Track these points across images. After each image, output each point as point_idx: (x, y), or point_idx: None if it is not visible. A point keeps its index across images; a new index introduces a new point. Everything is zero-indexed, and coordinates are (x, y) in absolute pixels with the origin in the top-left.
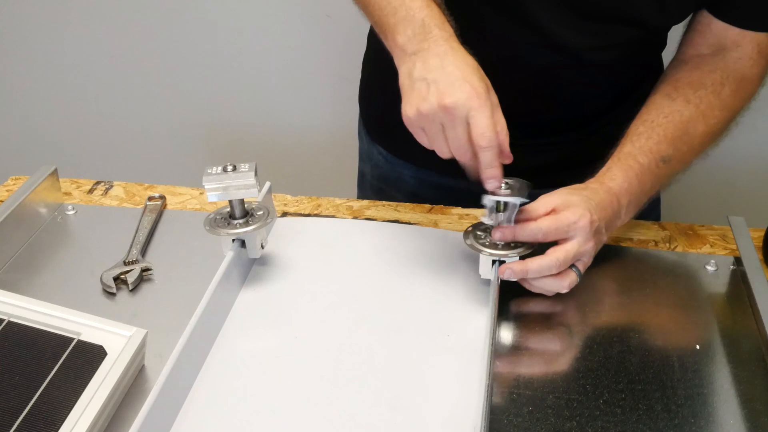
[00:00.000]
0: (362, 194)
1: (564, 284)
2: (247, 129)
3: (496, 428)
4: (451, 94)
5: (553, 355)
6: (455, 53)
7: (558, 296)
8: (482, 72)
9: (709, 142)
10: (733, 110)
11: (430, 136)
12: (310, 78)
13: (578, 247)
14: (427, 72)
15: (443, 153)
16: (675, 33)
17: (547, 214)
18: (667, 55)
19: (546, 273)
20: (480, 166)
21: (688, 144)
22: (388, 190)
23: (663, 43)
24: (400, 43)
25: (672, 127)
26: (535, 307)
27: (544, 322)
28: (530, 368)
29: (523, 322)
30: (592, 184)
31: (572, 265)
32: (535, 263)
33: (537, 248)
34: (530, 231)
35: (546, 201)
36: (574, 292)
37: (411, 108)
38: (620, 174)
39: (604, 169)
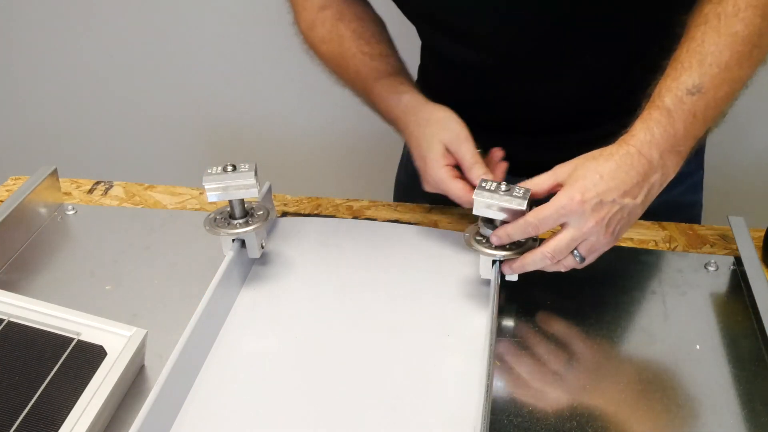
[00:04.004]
0: (397, 179)
1: (560, 268)
2: (247, 129)
3: (496, 428)
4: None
5: (553, 354)
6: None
7: (558, 296)
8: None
9: (747, 50)
10: (757, 5)
11: None
12: (311, 78)
13: (573, 233)
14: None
15: None
16: None
17: (552, 188)
18: None
19: (540, 266)
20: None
21: (717, 63)
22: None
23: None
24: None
25: (688, 55)
26: (535, 307)
27: (544, 322)
28: (530, 368)
29: (523, 322)
30: (611, 148)
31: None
32: (529, 258)
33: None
34: (521, 227)
35: (554, 174)
36: (574, 292)
37: None
38: (641, 127)
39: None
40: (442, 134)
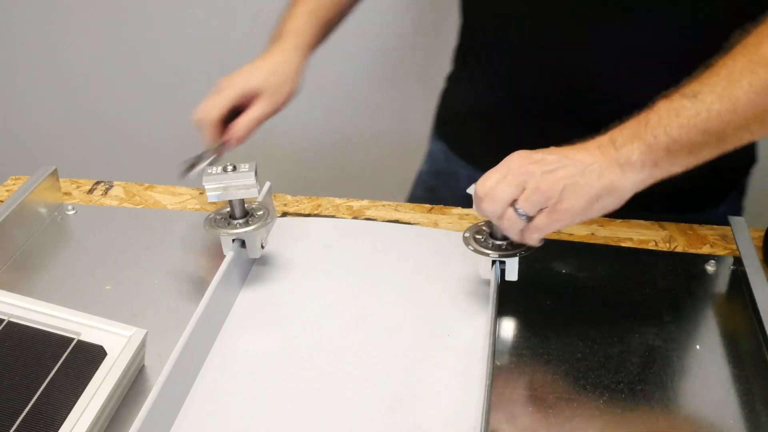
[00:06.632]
0: (412, 194)
1: (508, 231)
2: None
3: (495, 428)
4: (229, 76)
5: (553, 354)
6: (269, 56)
7: (558, 296)
8: (276, 73)
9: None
10: None
11: None
12: (310, 78)
13: (507, 178)
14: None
15: None
16: None
17: None
18: None
19: (475, 206)
20: None
21: (727, 77)
22: (440, 187)
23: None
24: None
25: (707, 69)
26: (535, 307)
27: (544, 322)
28: (530, 368)
29: (523, 322)
30: None
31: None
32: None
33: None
34: (475, 203)
35: None
36: (573, 292)
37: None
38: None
39: None
40: (273, 85)
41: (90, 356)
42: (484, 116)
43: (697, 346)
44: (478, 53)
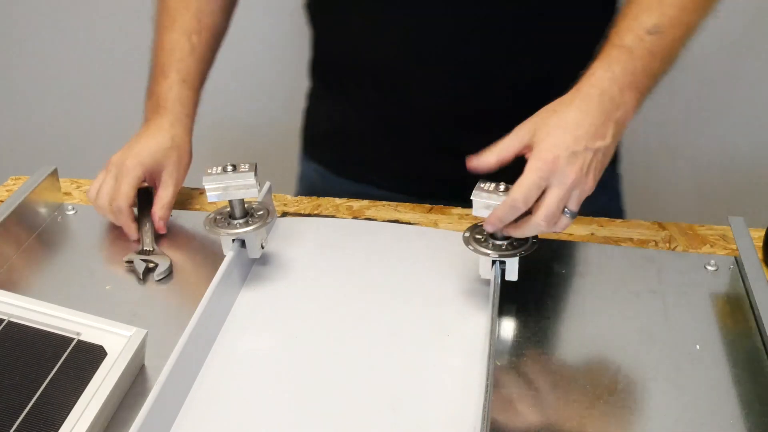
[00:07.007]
0: None
1: (556, 230)
2: (247, 129)
3: (496, 428)
4: (119, 155)
5: (553, 355)
6: (162, 130)
7: (559, 296)
8: (174, 147)
9: None
10: None
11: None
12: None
13: (559, 193)
14: (135, 139)
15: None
16: None
17: (520, 151)
18: None
19: (535, 233)
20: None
21: (674, 4)
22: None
23: None
24: (146, 107)
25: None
26: (535, 307)
27: (544, 322)
28: (530, 368)
29: (523, 322)
30: (569, 95)
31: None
32: (524, 228)
33: (538, 244)
34: (509, 207)
35: (517, 137)
36: (574, 291)
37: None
38: (599, 65)
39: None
40: (174, 158)
41: (90, 356)
42: (360, 133)
43: (697, 346)
44: (343, 68)
